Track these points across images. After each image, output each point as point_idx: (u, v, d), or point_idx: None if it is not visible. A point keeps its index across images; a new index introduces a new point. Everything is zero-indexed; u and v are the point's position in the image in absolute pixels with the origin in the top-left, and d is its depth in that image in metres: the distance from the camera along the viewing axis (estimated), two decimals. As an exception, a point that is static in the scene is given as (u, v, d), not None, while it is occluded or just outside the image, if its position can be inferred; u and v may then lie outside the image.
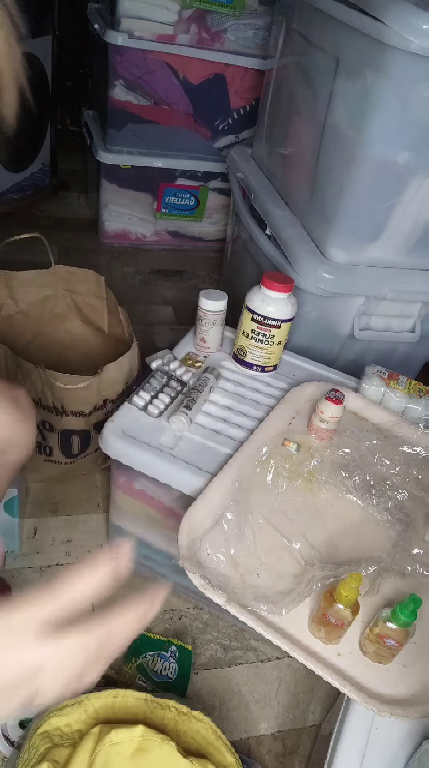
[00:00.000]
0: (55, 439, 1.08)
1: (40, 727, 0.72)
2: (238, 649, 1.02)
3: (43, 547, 1.10)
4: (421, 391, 1.02)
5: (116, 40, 1.62)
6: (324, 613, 0.66)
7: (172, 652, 0.97)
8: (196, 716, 0.76)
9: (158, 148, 1.86)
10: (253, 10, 1.65)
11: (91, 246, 2.01)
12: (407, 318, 1.22)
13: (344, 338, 1.22)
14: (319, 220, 1.16)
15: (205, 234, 2.10)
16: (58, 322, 1.29)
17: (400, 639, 0.65)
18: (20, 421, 0.61)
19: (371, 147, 0.99)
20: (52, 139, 2.07)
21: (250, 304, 0.97)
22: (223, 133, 1.89)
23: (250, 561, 0.74)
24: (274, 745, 0.92)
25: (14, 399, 0.61)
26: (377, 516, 0.84)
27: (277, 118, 1.37)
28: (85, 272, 1.21)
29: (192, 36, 1.66)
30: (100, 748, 0.68)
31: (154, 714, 0.76)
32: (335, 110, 1.06)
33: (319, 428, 0.90)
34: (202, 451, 0.87)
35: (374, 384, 1.01)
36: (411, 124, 0.95)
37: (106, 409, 1.07)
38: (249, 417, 0.95)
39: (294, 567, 0.75)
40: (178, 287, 1.93)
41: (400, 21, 0.87)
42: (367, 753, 0.68)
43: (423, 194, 1.04)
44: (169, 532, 0.95)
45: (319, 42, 1.11)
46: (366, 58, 0.96)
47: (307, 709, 0.97)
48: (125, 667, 0.95)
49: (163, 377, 0.97)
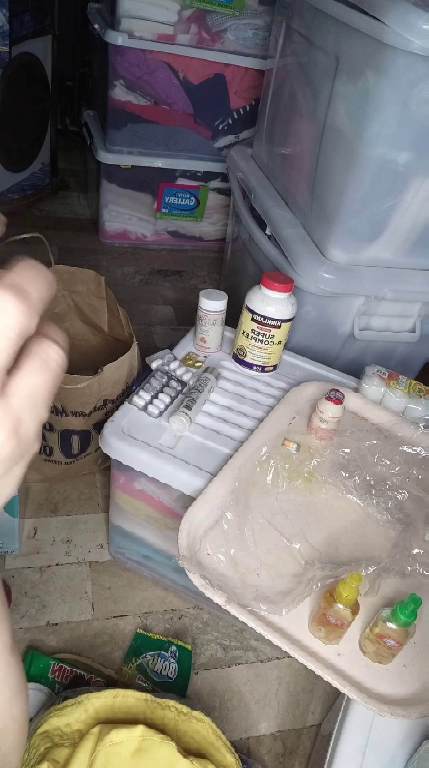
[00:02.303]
0: (55, 439, 1.08)
1: (40, 727, 0.72)
2: (238, 649, 1.02)
3: (43, 547, 1.10)
4: (421, 391, 1.02)
5: (116, 40, 1.62)
6: (324, 613, 0.66)
7: (172, 652, 0.97)
8: (196, 716, 0.76)
9: (158, 148, 1.86)
10: (253, 10, 1.65)
11: (91, 246, 2.01)
12: (407, 318, 1.22)
13: (344, 338, 1.22)
14: (319, 220, 1.16)
15: (205, 234, 2.10)
16: (58, 322, 1.28)
17: (400, 639, 0.65)
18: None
19: (371, 147, 0.99)
20: (52, 139, 2.07)
21: (250, 304, 0.97)
22: (223, 133, 1.89)
23: (250, 561, 0.74)
24: (274, 745, 0.92)
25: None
26: (377, 516, 0.84)
27: (277, 118, 1.37)
28: (84, 272, 1.21)
29: (192, 36, 1.66)
30: (100, 748, 0.68)
31: (154, 714, 0.76)
32: (335, 110, 1.06)
33: (319, 428, 0.90)
34: (202, 451, 0.87)
35: (374, 384, 1.00)
36: (411, 124, 0.95)
37: (106, 409, 1.07)
38: (249, 417, 0.95)
39: (294, 567, 0.75)
40: (178, 287, 1.93)
41: (400, 21, 0.87)
42: (367, 753, 0.68)
43: (423, 194, 1.04)
44: (169, 532, 0.95)
45: (320, 42, 1.11)
46: (366, 58, 0.96)
47: (307, 709, 0.97)
48: (125, 667, 0.95)
49: (163, 377, 0.97)
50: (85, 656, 0.96)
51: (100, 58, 1.78)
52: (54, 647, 0.97)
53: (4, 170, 1.94)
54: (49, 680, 0.89)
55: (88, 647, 0.98)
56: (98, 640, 0.99)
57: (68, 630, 1.00)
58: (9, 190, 2.00)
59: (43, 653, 0.94)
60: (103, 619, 1.02)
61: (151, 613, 1.04)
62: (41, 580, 1.05)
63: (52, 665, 0.91)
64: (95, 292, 1.24)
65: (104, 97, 1.78)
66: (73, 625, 1.00)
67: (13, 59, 1.68)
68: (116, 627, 1.01)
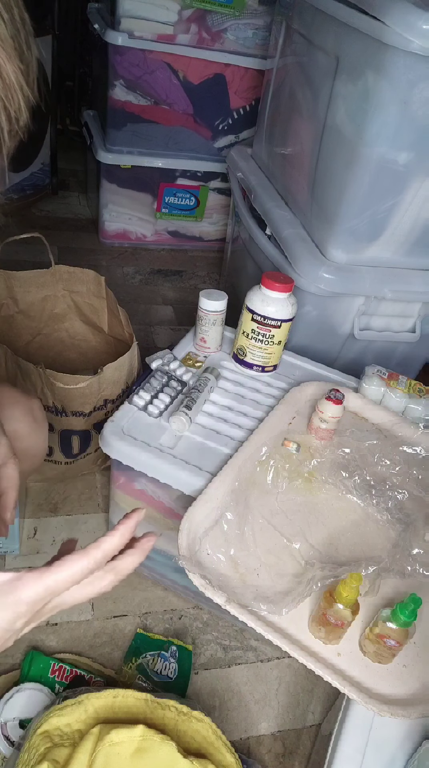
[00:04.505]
0: (55, 439, 1.08)
1: (40, 727, 0.72)
2: (238, 649, 1.02)
3: (43, 547, 1.10)
4: (421, 391, 1.02)
5: (116, 40, 1.62)
6: (324, 613, 0.66)
7: (172, 652, 0.97)
8: (196, 716, 0.76)
9: (158, 148, 1.86)
10: (253, 10, 1.65)
11: (91, 246, 2.01)
12: (407, 318, 1.22)
13: (344, 338, 1.22)
14: (319, 220, 1.16)
15: (205, 234, 2.10)
16: (57, 322, 1.29)
17: (400, 639, 0.65)
18: (35, 431, 0.61)
19: (371, 147, 0.99)
20: (52, 139, 2.07)
21: (250, 304, 0.97)
22: (223, 133, 1.89)
23: (250, 561, 0.74)
24: (274, 745, 0.92)
25: (30, 410, 0.62)
26: (377, 516, 0.84)
27: (277, 118, 1.37)
28: (84, 272, 1.21)
29: (192, 36, 1.66)
30: (100, 748, 0.68)
31: (154, 714, 0.76)
32: (335, 110, 1.06)
33: (319, 428, 0.90)
34: (202, 451, 0.87)
35: (374, 384, 1.01)
36: (411, 124, 0.95)
37: (106, 409, 1.07)
38: (249, 417, 0.95)
39: (294, 567, 0.75)
40: (178, 287, 1.93)
41: (400, 21, 0.87)
42: (367, 753, 0.68)
43: (423, 194, 1.04)
44: (169, 532, 0.95)
45: (320, 42, 1.11)
46: (366, 58, 0.96)
47: (307, 709, 0.97)
48: (125, 667, 0.95)
49: (163, 377, 0.97)
50: (85, 656, 0.96)
51: (100, 58, 1.78)
52: (54, 647, 0.97)
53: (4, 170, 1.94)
54: (49, 680, 0.90)
55: (88, 647, 0.98)
56: (98, 640, 0.99)
57: (68, 630, 1.00)
58: (9, 190, 2.00)
59: (43, 653, 0.94)
60: (103, 619, 1.02)
61: (151, 613, 1.04)
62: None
63: (52, 665, 0.91)
64: (95, 292, 1.24)
65: (104, 97, 1.78)
66: (73, 625, 1.00)
67: (13, 59, 1.68)
68: (116, 627, 1.02)
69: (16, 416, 0.61)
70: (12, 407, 0.61)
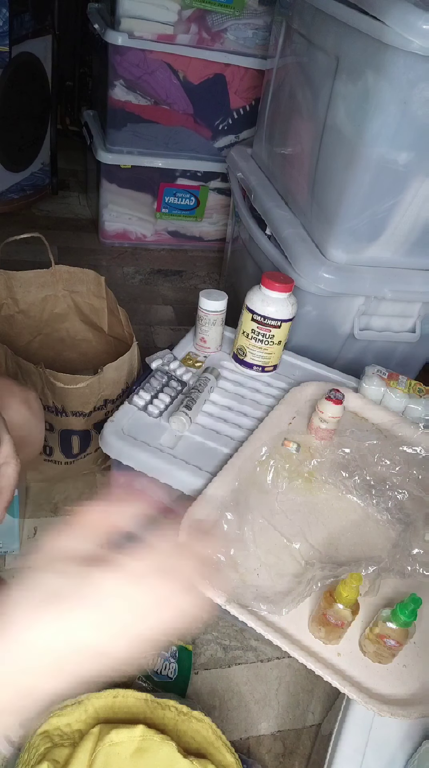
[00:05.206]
0: (55, 439, 1.08)
1: (40, 727, 0.72)
2: (238, 649, 1.02)
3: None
4: (421, 391, 1.02)
5: (116, 40, 1.62)
6: (324, 613, 0.66)
7: (172, 652, 0.97)
8: (196, 716, 0.76)
9: (158, 148, 1.86)
10: (253, 10, 1.65)
11: (91, 246, 2.01)
12: (407, 318, 1.22)
13: (344, 338, 1.22)
14: (319, 220, 1.16)
15: (205, 234, 2.10)
16: (58, 322, 1.29)
17: (400, 639, 0.65)
18: (30, 421, 0.62)
19: (371, 147, 0.99)
20: (52, 139, 2.07)
21: (250, 304, 0.97)
22: (223, 133, 1.89)
23: (250, 561, 0.74)
24: (274, 745, 0.92)
25: (26, 401, 0.62)
26: (377, 516, 0.84)
27: (277, 118, 1.37)
28: (84, 272, 1.21)
29: (192, 36, 1.66)
30: (100, 748, 0.68)
31: (154, 714, 0.76)
32: (335, 110, 1.06)
33: (319, 428, 0.90)
34: (202, 451, 0.87)
35: (374, 384, 1.00)
36: (411, 124, 0.95)
37: (106, 409, 1.07)
38: (249, 417, 0.95)
39: (294, 567, 0.75)
40: (178, 287, 1.93)
41: (400, 21, 0.87)
42: (367, 753, 0.68)
43: (423, 194, 1.04)
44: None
45: (320, 42, 1.11)
46: (366, 58, 0.96)
47: (307, 709, 0.97)
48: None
49: (163, 377, 0.97)
50: (85, 656, 0.96)
51: (100, 58, 1.78)
52: (54, 647, 0.97)
53: (4, 170, 1.95)
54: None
55: (88, 647, 0.98)
56: (98, 640, 0.99)
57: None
58: (9, 190, 2.00)
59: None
60: (103, 619, 1.02)
61: (151, 613, 1.04)
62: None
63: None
64: (95, 292, 1.24)
65: (104, 97, 1.78)
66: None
67: (13, 59, 1.68)
68: (116, 627, 1.01)
69: (12, 406, 0.61)
70: (8, 398, 0.62)
